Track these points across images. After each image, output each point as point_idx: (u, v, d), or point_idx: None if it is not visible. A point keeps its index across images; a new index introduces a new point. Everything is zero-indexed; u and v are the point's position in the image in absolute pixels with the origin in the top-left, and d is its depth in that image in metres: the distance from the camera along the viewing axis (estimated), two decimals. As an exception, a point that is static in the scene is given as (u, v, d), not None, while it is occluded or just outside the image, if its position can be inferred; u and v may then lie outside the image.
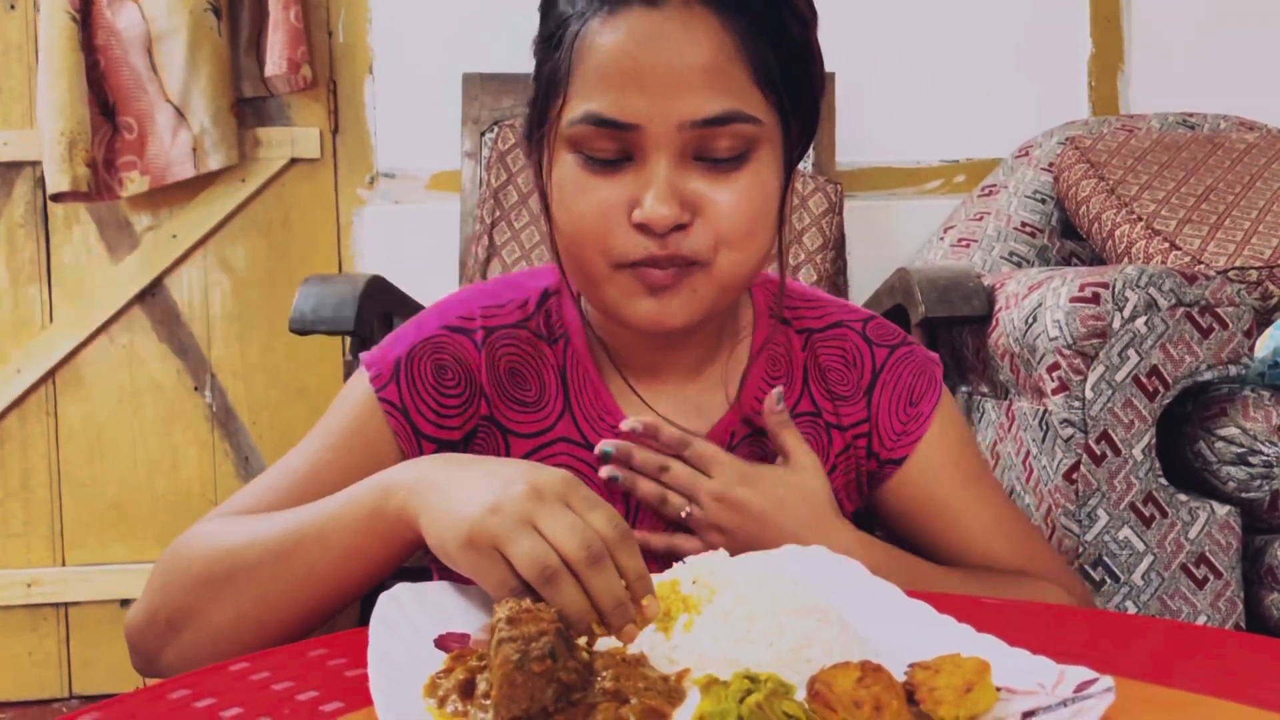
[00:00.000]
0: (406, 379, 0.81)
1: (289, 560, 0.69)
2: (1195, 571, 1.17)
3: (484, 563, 0.59)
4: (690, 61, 0.70)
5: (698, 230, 0.73)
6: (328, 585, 0.68)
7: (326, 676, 0.60)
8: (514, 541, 0.58)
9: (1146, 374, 1.17)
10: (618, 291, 0.75)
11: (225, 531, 0.73)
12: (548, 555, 0.57)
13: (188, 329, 2.10)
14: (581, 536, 0.57)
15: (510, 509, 0.59)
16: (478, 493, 0.60)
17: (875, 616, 0.63)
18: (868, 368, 0.86)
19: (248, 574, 0.69)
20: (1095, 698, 0.49)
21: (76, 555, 2.09)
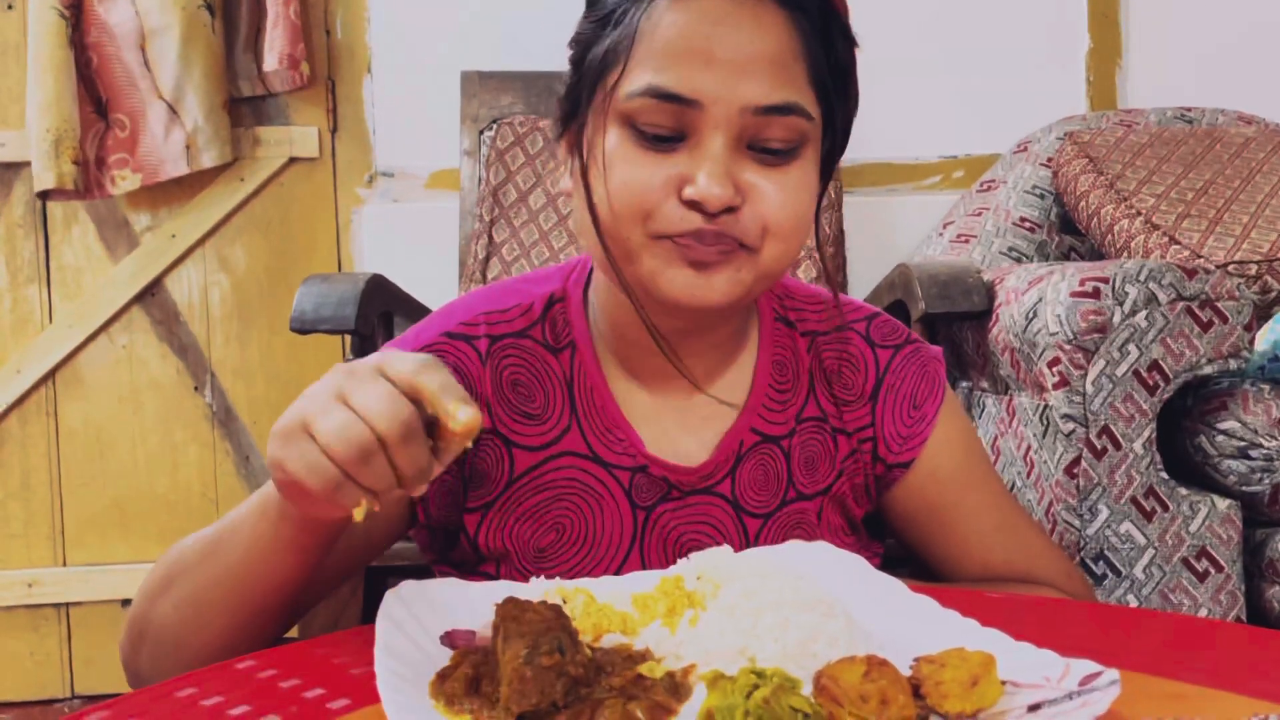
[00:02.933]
0: None
1: (213, 556, 0.69)
2: (1196, 565, 1.17)
3: (290, 448, 0.57)
4: (759, 48, 0.71)
5: (746, 216, 0.73)
6: (249, 576, 0.67)
7: (332, 674, 0.60)
8: (320, 417, 0.56)
9: (1147, 368, 1.18)
10: (656, 261, 0.73)
11: (184, 540, 0.73)
12: (357, 429, 0.55)
13: (187, 328, 2.10)
14: (390, 407, 0.56)
15: (318, 389, 0.58)
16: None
17: (880, 611, 0.64)
18: (871, 371, 0.86)
19: (183, 575, 0.70)
20: (1100, 690, 0.49)
21: (77, 555, 2.09)
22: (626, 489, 0.82)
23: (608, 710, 0.51)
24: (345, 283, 1.42)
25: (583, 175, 0.76)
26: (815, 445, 0.85)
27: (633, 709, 0.52)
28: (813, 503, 0.85)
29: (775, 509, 0.84)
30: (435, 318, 0.85)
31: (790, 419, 0.85)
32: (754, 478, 0.83)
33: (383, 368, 0.58)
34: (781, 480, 0.84)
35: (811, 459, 0.85)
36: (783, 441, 0.84)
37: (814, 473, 0.85)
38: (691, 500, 0.83)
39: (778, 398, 0.85)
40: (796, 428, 0.85)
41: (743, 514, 0.83)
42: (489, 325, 0.82)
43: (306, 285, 1.41)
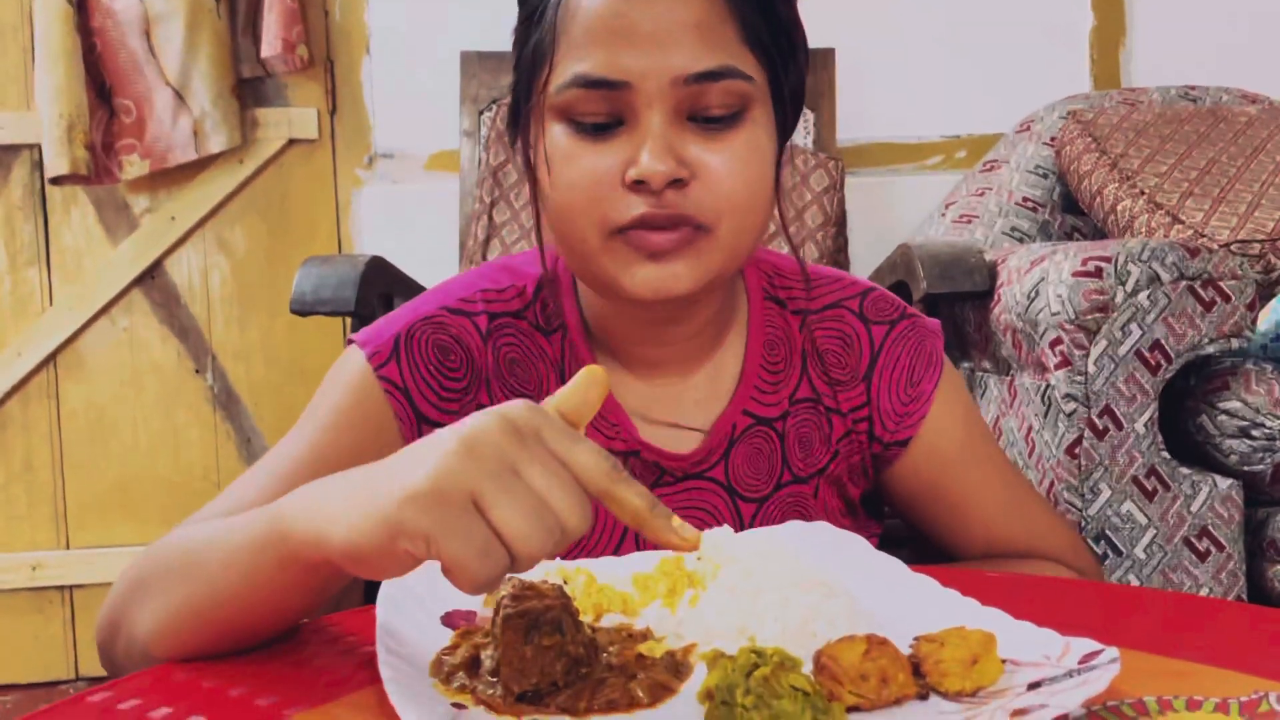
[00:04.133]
0: (407, 357, 0.78)
1: (197, 579, 0.59)
2: (1198, 545, 1.17)
3: (446, 521, 0.45)
4: (681, 18, 0.69)
5: (696, 191, 0.71)
6: (239, 612, 0.57)
7: (339, 655, 0.60)
8: (499, 495, 0.45)
9: (1149, 348, 1.17)
10: (614, 262, 0.72)
11: (174, 534, 0.66)
12: (548, 520, 0.46)
13: (188, 311, 2.10)
14: (581, 506, 0.47)
15: (476, 445, 0.46)
16: (411, 466, 0.47)
17: (880, 590, 0.64)
18: (865, 350, 0.84)
19: (161, 589, 0.61)
20: (1101, 669, 0.49)
21: (80, 538, 2.09)
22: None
23: (608, 689, 0.51)
24: (345, 264, 1.42)
25: (531, 181, 0.75)
26: (809, 426, 0.84)
27: (633, 688, 0.52)
28: (808, 485, 0.84)
29: (770, 492, 0.83)
30: (432, 294, 0.84)
31: (783, 400, 0.84)
32: (747, 461, 0.83)
33: (560, 452, 0.48)
34: (775, 463, 0.84)
35: (805, 440, 0.84)
36: (776, 424, 0.84)
37: (808, 454, 0.84)
38: (685, 485, 0.82)
39: (770, 379, 0.84)
40: (790, 409, 0.84)
41: (737, 498, 0.83)
42: (486, 303, 0.82)
43: (306, 267, 1.41)
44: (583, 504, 0.47)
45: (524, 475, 0.46)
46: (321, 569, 0.53)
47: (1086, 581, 0.73)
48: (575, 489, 0.47)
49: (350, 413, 0.78)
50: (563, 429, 0.48)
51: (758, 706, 0.47)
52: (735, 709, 0.48)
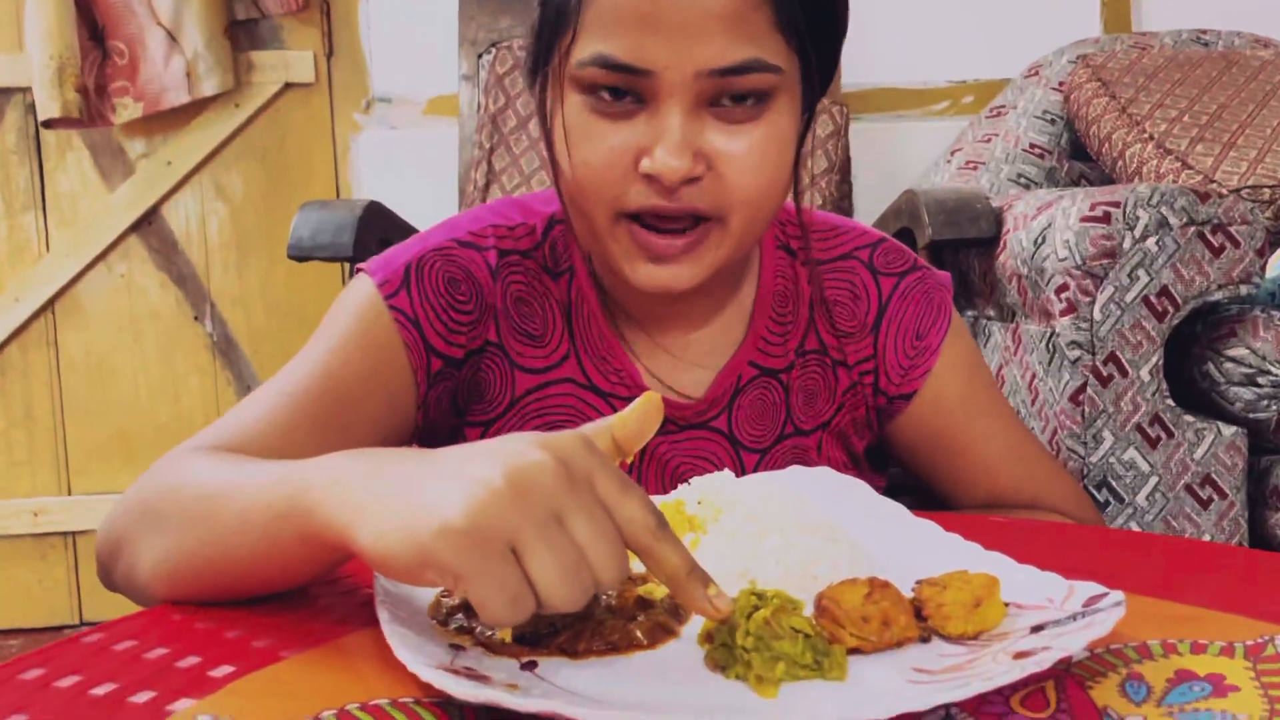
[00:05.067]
0: (418, 287, 0.76)
1: (208, 531, 0.57)
2: (1200, 492, 1.17)
3: (481, 562, 0.42)
4: (710, 7, 0.66)
5: (710, 184, 0.69)
6: (247, 573, 0.56)
7: (338, 597, 0.59)
8: (539, 546, 0.43)
9: (1156, 294, 1.16)
10: (618, 248, 0.71)
11: (187, 466, 0.64)
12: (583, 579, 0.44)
13: (185, 257, 2.09)
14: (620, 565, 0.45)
15: (533, 495, 0.43)
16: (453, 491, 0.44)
17: (882, 534, 0.63)
18: (874, 301, 0.83)
19: (167, 528, 0.60)
20: (1105, 612, 0.48)
21: (82, 484, 2.10)
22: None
23: (607, 631, 0.51)
24: (342, 209, 1.40)
25: (547, 145, 0.73)
26: (815, 379, 0.84)
27: (632, 630, 0.51)
28: (811, 438, 0.84)
29: (772, 443, 0.83)
30: (442, 226, 0.82)
31: (790, 352, 0.83)
32: (751, 412, 0.82)
33: (610, 502, 0.45)
34: (779, 414, 0.83)
35: (811, 393, 0.84)
36: (781, 375, 0.83)
37: (813, 407, 0.84)
38: (687, 435, 0.82)
39: (777, 330, 0.83)
40: (796, 361, 0.83)
41: (739, 449, 0.82)
42: (498, 239, 0.80)
43: (303, 212, 1.39)
44: (621, 560, 0.45)
45: (568, 524, 0.43)
46: (341, 550, 0.50)
47: (1090, 526, 0.73)
48: (617, 544, 0.44)
49: (360, 339, 0.76)
50: (616, 476, 0.45)
51: (757, 649, 0.47)
52: (735, 650, 0.47)
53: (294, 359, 0.77)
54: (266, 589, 0.58)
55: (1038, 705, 0.45)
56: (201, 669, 0.50)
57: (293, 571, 0.56)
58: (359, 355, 0.76)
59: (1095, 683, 0.48)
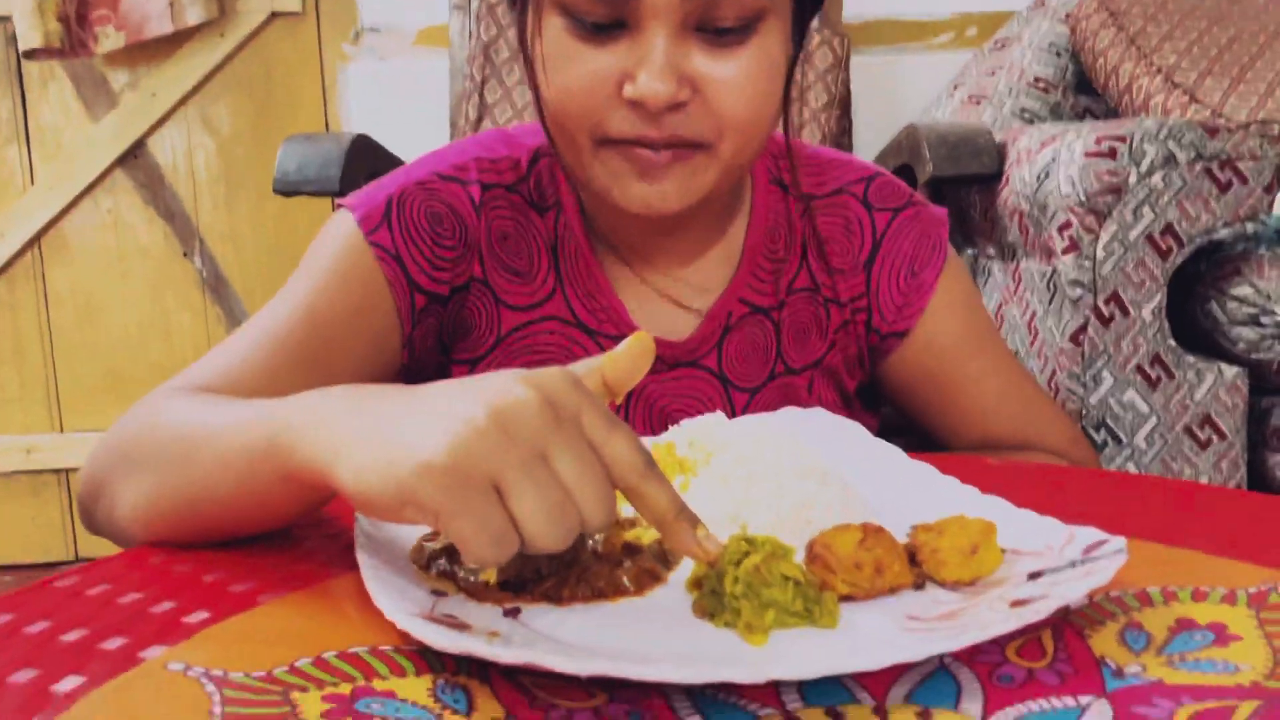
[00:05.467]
0: (399, 222, 0.75)
1: (188, 472, 0.55)
2: (1199, 434, 1.16)
3: (464, 501, 0.41)
4: None
5: (696, 110, 0.67)
6: (227, 513, 0.55)
7: (322, 540, 0.58)
8: (524, 483, 0.41)
9: (1161, 232, 1.14)
10: (605, 172, 0.69)
11: (166, 407, 0.62)
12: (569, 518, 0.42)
13: (173, 192, 2.05)
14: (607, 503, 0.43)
15: (518, 432, 0.41)
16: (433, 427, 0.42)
17: (877, 478, 0.62)
18: (868, 237, 0.82)
19: (147, 470, 0.58)
20: (1105, 559, 0.47)
21: (74, 421, 2.09)
22: None
23: (593, 577, 0.50)
24: (329, 142, 1.37)
25: (529, 70, 0.71)
26: (806, 316, 0.82)
27: (619, 576, 0.50)
28: (802, 377, 0.83)
29: (763, 382, 0.82)
30: (424, 160, 0.80)
31: (781, 289, 0.82)
32: (742, 350, 0.81)
33: (597, 440, 0.43)
34: (770, 353, 0.82)
35: (802, 331, 0.82)
36: (772, 313, 0.81)
37: (804, 345, 0.82)
38: (676, 374, 0.80)
39: (768, 267, 0.81)
40: (787, 299, 0.82)
41: (730, 388, 0.81)
42: (480, 172, 0.79)
43: (288, 145, 1.36)
44: (608, 501, 0.43)
45: (554, 463, 0.42)
46: (322, 489, 0.48)
47: (1089, 469, 0.72)
48: (604, 483, 0.43)
49: (343, 276, 0.75)
50: (603, 414, 0.44)
51: (747, 595, 0.45)
52: (724, 598, 0.46)
53: (275, 298, 0.76)
54: (247, 530, 0.56)
55: (1034, 655, 0.44)
56: (176, 614, 0.49)
57: (273, 511, 0.54)
58: (341, 293, 0.74)
59: (1093, 631, 0.46)
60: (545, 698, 0.41)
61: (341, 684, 0.42)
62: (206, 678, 0.43)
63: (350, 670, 0.43)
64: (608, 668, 0.38)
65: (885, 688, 0.42)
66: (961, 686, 0.42)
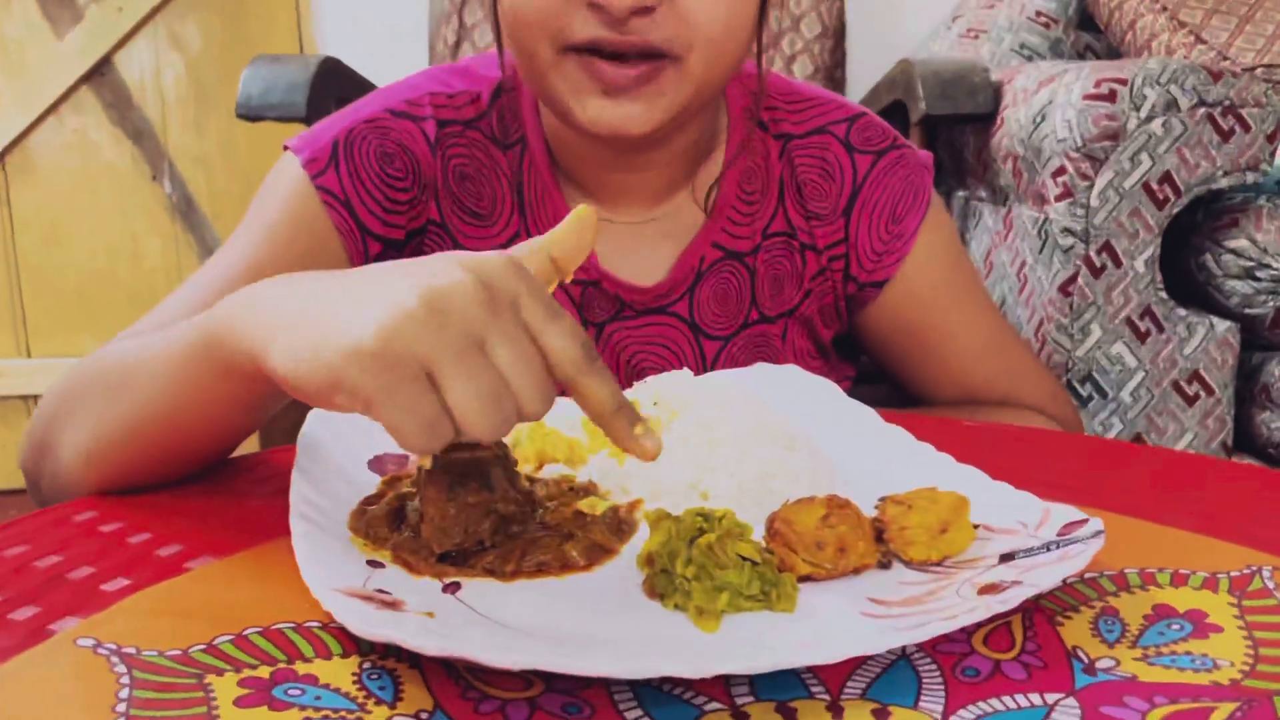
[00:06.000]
0: (347, 164, 0.71)
1: (124, 397, 0.53)
2: (1187, 389, 1.13)
3: (392, 386, 0.38)
4: None
5: (665, 16, 0.63)
6: (172, 429, 0.52)
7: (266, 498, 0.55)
8: (457, 370, 0.38)
9: (1158, 180, 1.10)
10: (565, 85, 0.65)
11: (105, 349, 0.60)
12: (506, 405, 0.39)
13: (141, 113, 1.98)
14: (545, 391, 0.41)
15: (451, 318, 0.39)
16: (364, 309, 0.39)
17: (848, 443, 0.59)
18: (848, 181, 0.78)
19: (86, 408, 0.56)
20: (1082, 543, 0.44)
21: (41, 347, 2.05)
22: (577, 303, 0.76)
23: (540, 550, 0.47)
24: (296, 65, 1.31)
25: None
26: (782, 263, 0.79)
27: (568, 549, 0.47)
28: (776, 325, 0.80)
29: (735, 330, 0.79)
30: (375, 96, 0.76)
31: (756, 233, 0.78)
32: (714, 297, 0.78)
33: (535, 328, 0.41)
34: (744, 300, 0.79)
35: (777, 278, 0.79)
36: (747, 258, 0.78)
37: (779, 293, 0.79)
38: (646, 320, 0.77)
39: (744, 210, 0.78)
40: (762, 243, 0.79)
41: (700, 335, 0.78)
42: (435, 108, 0.75)
43: (253, 67, 1.29)
44: (546, 390, 0.41)
45: (489, 351, 0.39)
46: (259, 383, 0.46)
47: (1071, 435, 0.69)
48: (541, 373, 0.40)
49: (288, 226, 0.72)
50: (543, 300, 0.41)
51: (699, 577, 0.42)
52: (675, 579, 0.43)
53: (220, 250, 0.73)
54: (195, 451, 0.54)
55: (1002, 645, 0.42)
56: (94, 581, 0.46)
57: (219, 420, 0.52)
58: (286, 244, 0.71)
59: (1066, 618, 0.44)
60: (479, 687, 0.38)
61: (261, 666, 0.40)
62: (117, 656, 0.40)
63: (272, 650, 0.41)
64: (540, 661, 0.36)
65: (841, 679, 0.39)
66: (922, 681, 0.39)
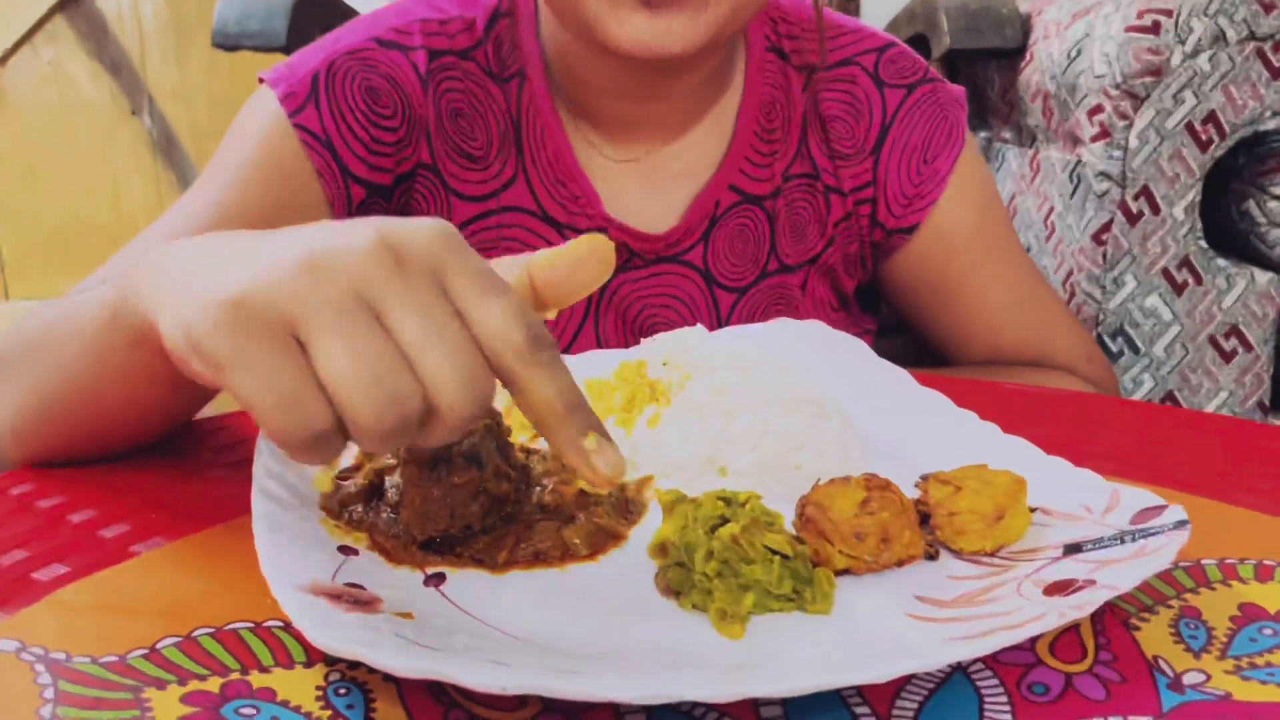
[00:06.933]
0: (328, 100, 0.65)
1: (46, 358, 0.48)
2: (1223, 344, 1.07)
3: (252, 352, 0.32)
4: None
5: None
6: (88, 396, 0.47)
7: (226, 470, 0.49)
8: (338, 332, 0.31)
9: (1202, 120, 1.02)
10: (603, 3, 0.59)
11: (39, 308, 0.55)
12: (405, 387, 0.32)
13: (118, 44, 1.90)
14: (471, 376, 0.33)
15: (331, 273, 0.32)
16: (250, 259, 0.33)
17: (881, 409, 0.53)
18: (876, 118, 0.72)
19: (10, 374, 0.51)
20: (1163, 534, 0.38)
21: (20, 288, 1.98)
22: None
23: (537, 536, 0.41)
24: (277, -11, 1.22)
25: None
26: (804, 207, 0.73)
27: (569, 535, 0.41)
28: (796, 275, 0.74)
29: (753, 281, 0.73)
30: (359, 23, 0.70)
31: (776, 175, 0.72)
32: (730, 244, 0.72)
33: (464, 304, 0.33)
34: (762, 248, 0.73)
35: (799, 224, 0.73)
36: (766, 202, 0.72)
37: (801, 240, 0.73)
38: (656, 270, 0.71)
39: (763, 149, 0.72)
40: (783, 186, 0.72)
41: (714, 286, 0.72)
42: (426, 36, 0.68)
43: (231, -9, 1.21)
44: (471, 374, 0.32)
45: (389, 318, 0.32)
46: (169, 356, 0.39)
47: (1118, 399, 0.63)
48: (468, 353, 0.32)
49: (263, 168, 0.65)
50: (477, 274, 0.33)
51: (722, 574, 0.36)
52: (694, 574, 0.37)
53: (188, 193, 0.67)
54: (124, 432, 0.48)
55: (1072, 653, 0.36)
56: (26, 568, 0.40)
57: (141, 397, 0.46)
58: (260, 188, 0.65)
59: (1142, 620, 0.38)
60: (465, 705, 0.33)
61: (211, 677, 0.34)
62: (43, 663, 0.35)
63: (224, 657, 0.35)
64: (537, 684, 0.30)
65: (890, 698, 0.34)
66: (984, 701, 0.34)
